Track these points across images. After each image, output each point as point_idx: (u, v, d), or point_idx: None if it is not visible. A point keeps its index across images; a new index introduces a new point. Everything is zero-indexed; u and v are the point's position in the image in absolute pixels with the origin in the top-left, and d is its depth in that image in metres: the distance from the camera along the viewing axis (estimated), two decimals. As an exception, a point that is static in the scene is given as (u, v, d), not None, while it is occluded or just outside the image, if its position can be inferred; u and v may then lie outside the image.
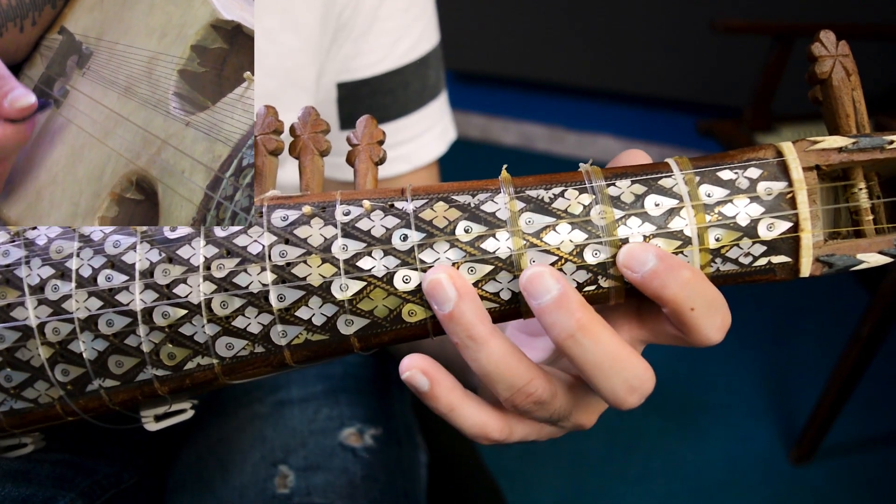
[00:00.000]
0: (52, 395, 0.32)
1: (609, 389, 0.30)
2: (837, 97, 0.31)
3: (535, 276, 0.29)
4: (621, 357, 0.29)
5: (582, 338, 0.29)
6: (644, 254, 0.28)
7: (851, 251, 0.30)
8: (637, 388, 0.30)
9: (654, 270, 0.28)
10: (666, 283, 0.28)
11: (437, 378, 0.30)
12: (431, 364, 0.30)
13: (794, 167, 0.30)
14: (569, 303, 0.28)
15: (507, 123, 2.91)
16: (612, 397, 0.30)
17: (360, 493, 0.54)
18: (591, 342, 0.29)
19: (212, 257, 0.30)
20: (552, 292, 0.28)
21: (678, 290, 0.28)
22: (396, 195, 0.31)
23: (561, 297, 0.28)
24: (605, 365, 0.29)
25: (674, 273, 0.28)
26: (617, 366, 0.29)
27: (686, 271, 0.28)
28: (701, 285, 0.29)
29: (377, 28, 0.59)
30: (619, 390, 0.30)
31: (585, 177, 0.31)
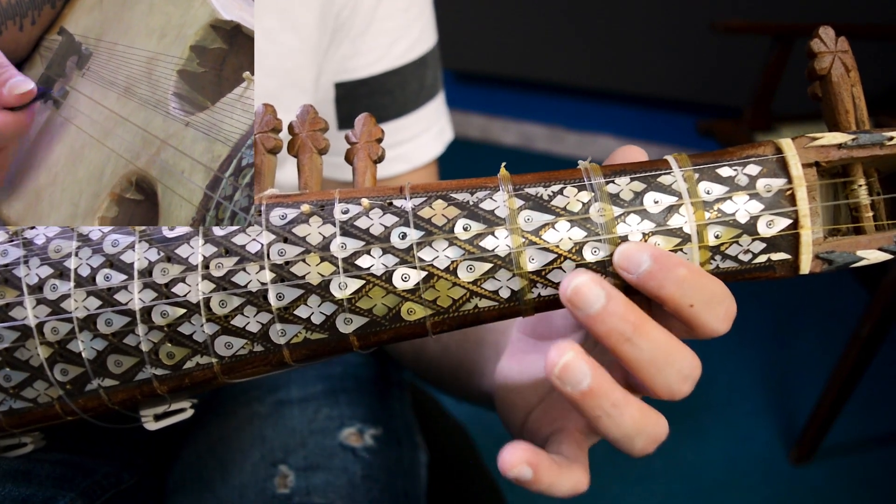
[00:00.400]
0: (51, 395, 0.32)
1: (664, 383, 0.30)
2: (837, 93, 0.31)
3: (581, 286, 0.28)
4: (673, 349, 0.29)
5: (638, 339, 0.28)
6: (639, 254, 0.28)
7: (851, 248, 0.30)
8: (689, 376, 0.30)
9: (649, 271, 0.28)
10: (662, 283, 0.28)
11: (537, 463, 0.30)
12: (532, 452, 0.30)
13: (793, 164, 0.30)
14: (620, 307, 0.28)
15: (507, 123, 2.92)
16: (667, 390, 0.30)
17: (360, 493, 0.54)
18: (647, 342, 0.29)
19: (210, 256, 0.30)
20: (601, 300, 0.28)
21: (675, 289, 0.28)
22: (395, 193, 0.31)
23: (612, 303, 0.28)
24: (660, 360, 0.29)
25: (669, 272, 0.28)
26: (671, 358, 0.29)
27: (682, 269, 0.28)
28: (698, 281, 0.28)
29: (375, 28, 0.59)
30: (673, 382, 0.30)
31: (584, 174, 0.31)
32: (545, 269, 0.30)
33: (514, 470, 0.29)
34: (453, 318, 0.31)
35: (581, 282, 0.28)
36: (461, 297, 0.30)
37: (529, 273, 0.30)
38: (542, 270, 0.30)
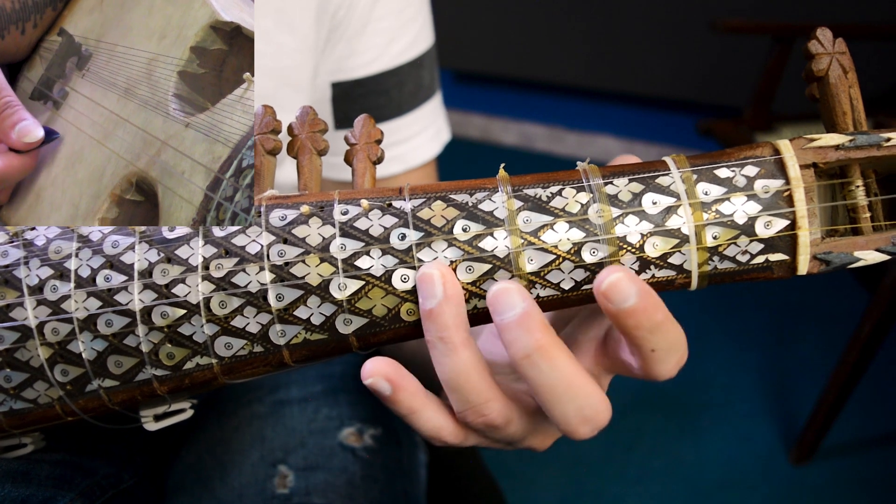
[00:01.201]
0: (51, 396, 0.32)
1: (561, 415, 0.30)
2: (834, 94, 0.31)
3: (502, 291, 0.28)
4: (576, 384, 0.29)
5: (539, 359, 0.28)
6: (628, 289, 0.27)
7: (849, 249, 0.30)
8: (590, 419, 0.30)
9: (631, 309, 0.28)
10: (639, 323, 0.28)
11: (399, 384, 0.30)
12: (394, 369, 0.30)
13: (791, 165, 0.30)
14: (530, 322, 0.28)
15: (507, 123, 2.92)
16: (564, 424, 0.30)
17: (359, 493, 0.54)
18: (548, 365, 0.29)
19: (210, 257, 0.30)
20: (516, 309, 0.28)
21: (646, 332, 0.28)
22: (394, 194, 0.31)
23: (524, 316, 0.28)
24: (559, 390, 0.29)
25: (648, 315, 0.28)
26: (571, 392, 0.29)
27: (660, 314, 0.28)
28: (667, 328, 0.29)
29: (371, 28, 0.59)
30: (571, 418, 0.30)
31: (583, 175, 0.31)
32: (544, 269, 0.30)
33: (371, 380, 0.30)
34: None
35: (505, 287, 0.28)
36: None
37: (528, 274, 0.30)
38: (541, 271, 0.30)
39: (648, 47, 2.36)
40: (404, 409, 0.31)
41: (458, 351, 0.29)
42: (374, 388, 0.30)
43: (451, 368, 0.30)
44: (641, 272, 0.30)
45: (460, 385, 0.30)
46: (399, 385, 0.30)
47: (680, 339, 0.29)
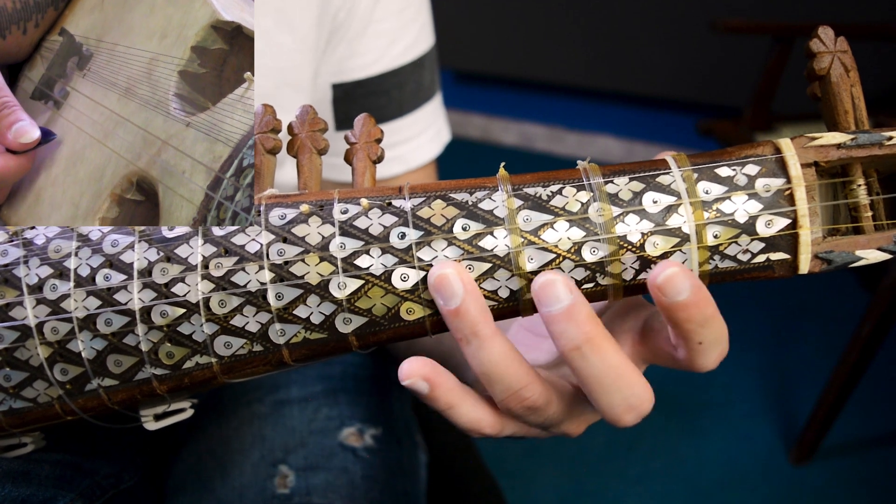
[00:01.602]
0: (51, 395, 0.32)
1: (608, 405, 0.30)
2: (836, 93, 0.31)
3: (548, 283, 0.28)
4: (624, 374, 0.29)
5: (588, 351, 0.29)
6: (682, 283, 0.28)
7: (850, 248, 0.30)
8: (635, 407, 0.30)
9: (683, 302, 0.28)
10: (690, 316, 0.28)
11: (436, 381, 0.30)
12: (431, 368, 0.30)
13: (792, 164, 0.30)
14: (579, 314, 0.28)
15: (507, 123, 2.92)
16: (610, 413, 0.30)
17: (359, 493, 0.54)
18: (597, 356, 0.29)
19: (210, 256, 0.30)
20: (563, 302, 0.28)
21: (696, 326, 0.29)
22: (394, 193, 0.31)
23: (571, 308, 0.28)
24: (607, 380, 0.29)
25: (700, 309, 0.28)
26: (619, 382, 0.29)
27: (710, 308, 0.28)
28: (715, 323, 0.29)
29: (372, 29, 0.59)
30: (617, 407, 0.30)
31: (583, 174, 0.31)
32: (544, 268, 0.30)
33: (409, 381, 0.30)
34: None
35: (550, 279, 0.29)
36: None
37: (528, 273, 0.30)
38: (540, 270, 0.30)
39: (648, 47, 2.36)
40: (443, 405, 0.31)
41: (491, 342, 0.29)
42: (412, 388, 0.30)
43: (488, 360, 0.30)
44: (642, 271, 0.30)
45: (499, 374, 0.30)
46: (436, 382, 0.30)
47: (724, 333, 0.30)
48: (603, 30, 2.42)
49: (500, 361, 0.30)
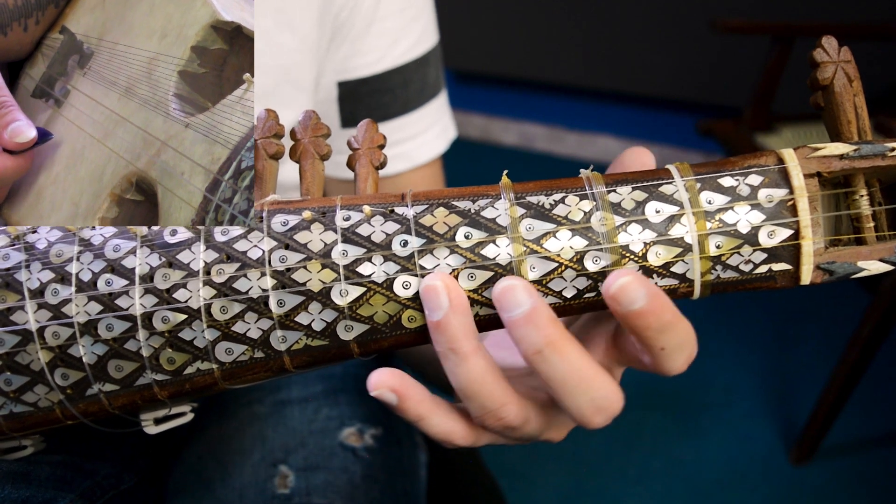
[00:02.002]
0: (51, 399, 0.32)
1: (575, 407, 0.30)
2: (839, 103, 0.31)
3: (508, 289, 0.29)
4: (588, 376, 0.29)
5: (550, 354, 0.29)
6: (636, 292, 0.28)
7: (852, 259, 0.30)
8: (604, 409, 0.30)
9: (639, 311, 0.28)
10: (648, 324, 0.28)
11: (405, 393, 0.30)
12: (399, 379, 0.30)
13: (795, 174, 0.30)
14: (539, 318, 0.28)
15: (507, 123, 2.91)
16: (578, 415, 0.30)
17: (360, 493, 0.54)
18: (559, 359, 0.29)
19: (212, 262, 0.30)
20: (523, 307, 0.28)
21: (655, 332, 0.28)
22: (397, 200, 0.31)
23: (531, 313, 0.28)
24: (571, 382, 0.29)
25: (657, 317, 0.28)
26: (584, 384, 0.29)
27: (668, 314, 0.28)
28: (678, 327, 0.29)
29: (375, 28, 0.59)
30: (584, 409, 0.30)
31: (586, 183, 0.31)
32: (546, 277, 0.30)
33: (377, 392, 0.30)
34: None
35: (511, 284, 0.29)
36: None
37: (531, 282, 0.30)
38: (542, 279, 0.30)
39: (648, 47, 2.36)
40: (412, 417, 0.31)
41: (469, 359, 0.29)
42: (380, 399, 0.30)
43: (465, 377, 0.30)
44: None
45: (475, 392, 0.30)
46: (404, 394, 0.30)
47: (689, 336, 0.30)
48: (603, 30, 2.42)
49: (477, 379, 0.30)
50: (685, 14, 2.23)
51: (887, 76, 1.88)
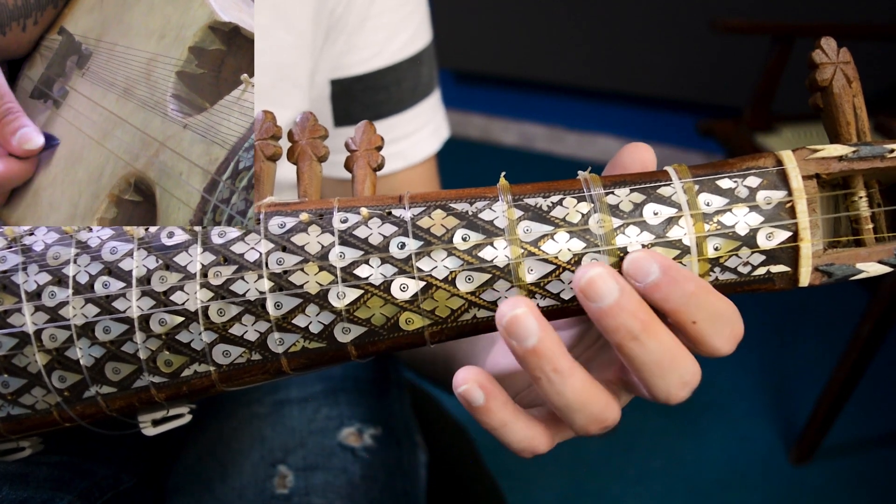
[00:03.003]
0: (49, 402, 0.32)
1: (664, 386, 0.29)
2: (838, 105, 0.31)
3: (596, 277, 0.27)
4: (678, 354, 0.29)
5: (647, 338, 0.28)
6: (648, 264, 0.28)
7: (851, 260, 0.30)
8: (689, 383, 0.30)
9: (656, 283, 0.28)
10: (668, 295, 0.28)
11: (493, 392, 0.29)
12: (488, 378, 0.29)
13: (793, 176, 0.29)
14: (631, 304, 0.28)
15: (507, 123, 2.91)
16: (665, 393, 0.30)
17: (359, 493, 0.54)
18: (655, 342, 0.28)
19: (209, 265, 0.30)
20: (614, 294, 0.27)
21: (679, 304, 0.28)
22: (394, 202, 0.31)
23: (622, 300, 0.27)
24: (664, 363, 0.29)
25: (676, 286, 0.28)
26: (675, 363, 0.29)
27: (690, 284, 0.28)
28: (705, 298, 0.28)
29: (370, 25, 0.59)
30: (673, 386, 0.30)
31: (584, 185, 0.31)
32: (544, 280, 0.30)
33: (465, 387, 0.29)
34: (451, 328, 0.31)
35: (598, 273, 0.27)
36: (459, 308, 0.30)
37: (528, 284, 0.30)
38: (540, 281, 0.30)
39: (648, 47, 2.36)
40: (496, 421, 0.30)
41: (573, 375, 0.29)
42: (465, 397, 0.29)
43: (572, 393, 0.29)
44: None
45: (584, 404, 0.29)
46: (492, 394, 0.29)
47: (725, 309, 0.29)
48: (603, 30, 2.41)
49: (584, 391, 0.29)
50: (685, 14, 2.23)
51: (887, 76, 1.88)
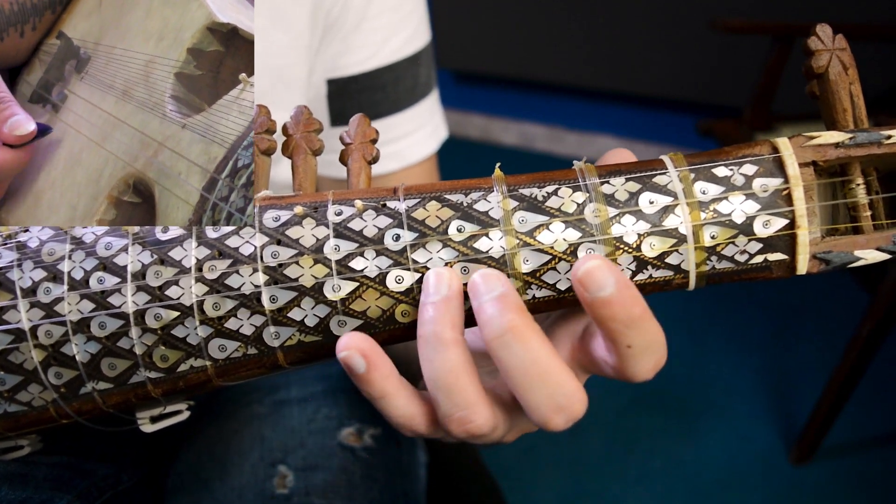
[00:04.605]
0: (45, 398, 0.32)
1: (533, 403, 0.29)
2: (834, 91, 0.31)
3: (486, 275, 0.28)
4: (550, 370, 0.29)
5: (511, 340, 0.28)
6: (605, 278, 0.27)
7: (848, 248, 0.29)
8: (563, 408, 0.29)
9: (606, 299, 0.27)
10: (614, 314, 0.27)
11: (375, 361, 0.29)
12: (371, 346, 0.29)
13: (789, 163, 0.29)
14: (507, 302, 0.28)
15: (507, 123, 2.91)
16: (537, 412, 0.29)
17: (359, 493, 0.54)
18: (521, 347, 0.28)
19: (203, 259, 0.30)
20: (494, 291, 0.28)
21: (622, 326, 0.28)
22: (389, 195, 0.31)
23: (501, 296, 0.28)
24: (531, 373, 0.28)
25: (625, 308, 0.27)
26: (544, 378, 0.29)
27: (637, 308, 0.27)
28: (646, 325, 0.28)
29: (366, 25, 0.59)
30: (543, 405, 0.29)
31: (579, 174, 0.30)
32: (540, 270, 0.30)
33: (346, 353, 0.29)
34: None
35: (489, 272, 0.28)
36: None
37: (524, 275, 0.30)
38: (536, 272, 0.30)
39: (648, 47, 2.36)
40: (376, 391, 0.30)
41: (449, 348, 0.29)
42: (347, 363, 0.29)
43: (441, 366, 0.29)
44: (638, 272, 0.30)
45: (449, 384, 0.29)
46: (374, 363, 0.29)
47: (658, 339, 0.29)
48: (603, 30, 2.41)
49: (453, 370, 0.29)
50: (685, 14, 2.23)
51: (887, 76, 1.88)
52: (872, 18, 1.87)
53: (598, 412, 1.56)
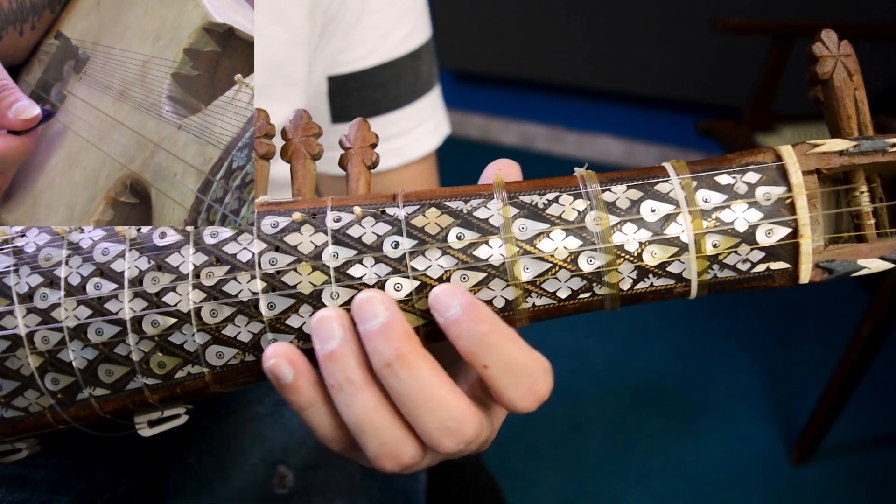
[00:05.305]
0: (42, 404, 0.32)
1: (423, 427, 0.29)
2: (839, 98, 0.30)
3: (367, 300, 0.28)
4: (439, 395, 0.28)
5: (399, 368, 0.28)
6: (450, 300, 0.27)
7: (852, 257, 0.29)
8: (454, 432, 0.29)
9: (454, 319, 0.27)
10: (461, 334, 0.28)
11: (302, 370, 0.29)
12: (299, 355, 0.29)
13: (793, 171, 0.29)
14: (392, 331, 0.28)
15: (507, 123, 2.91)
16: (428, 437, 0.29)
17: (359, 493, 0.54)
18: (409, 375, 0.28)
19: (201, 265, 0.30)
20: (378, 318, 0.28)
21: (471, 345, 0.28)
22: (388, 201, 0.31)
23: (385, 325, 0.28)
24: (419, 399, 0.28)
25: (470, 326, 0.27)
26: (433, 404, 0.28)
27: (483, 326, 0.28)
28: (500, 344, 0.28)
29: (365, 21, 0.59)
30: (433, 430, 0.29)
31: (580, 182, 0.30)
32: (539, 278, 0.29)
33: (273, 361, 0.29)
34: None
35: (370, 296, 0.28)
36: None
37: (524, 283, 0.29)
38: (536, 280, 0.29)
39: (648, 47, 2.36)
40: (303, 400, 0.30)
41: (365, 389, 0.29)
42: (274, 372, 0.29)
43: (361, 410, 0.29)
44: (639, 281, 0.30)
45: (372, 425, 0.29)
46: (301, 371, 0.29)
47: (523, 361, 0.28)
48: (603, 30, 2.41)
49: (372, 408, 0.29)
50: (685, 14, 2.23)
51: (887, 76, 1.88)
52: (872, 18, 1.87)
53: (598, 412, 1.56)
